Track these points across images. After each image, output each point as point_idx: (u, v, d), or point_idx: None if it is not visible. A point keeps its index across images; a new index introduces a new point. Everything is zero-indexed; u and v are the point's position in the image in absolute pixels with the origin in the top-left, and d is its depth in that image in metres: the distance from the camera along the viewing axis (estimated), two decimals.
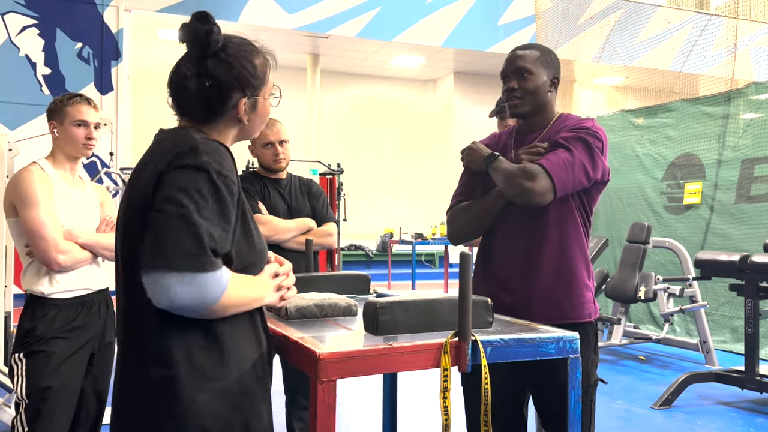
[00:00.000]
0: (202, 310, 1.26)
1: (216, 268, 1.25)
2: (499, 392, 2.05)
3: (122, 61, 8.64)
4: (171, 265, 1.22)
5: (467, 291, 1.48)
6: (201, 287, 1.23)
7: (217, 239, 1.26)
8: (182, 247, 1.22)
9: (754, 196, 6.17)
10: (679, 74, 8.31)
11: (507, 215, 2.07)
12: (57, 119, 2.43)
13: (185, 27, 1.39)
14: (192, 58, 1.42)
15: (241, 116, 1.44)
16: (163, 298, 1.23)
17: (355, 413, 4.22)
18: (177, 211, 1.24)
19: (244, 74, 1.42)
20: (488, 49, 10.96)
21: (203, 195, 1.27)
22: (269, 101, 1.50)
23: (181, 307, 1.25)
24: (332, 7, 9.86)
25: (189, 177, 1.28)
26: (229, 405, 1.33)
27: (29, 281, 2.36)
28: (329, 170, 7.22)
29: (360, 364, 1.38)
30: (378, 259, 12.41)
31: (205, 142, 1.35)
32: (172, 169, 1.29)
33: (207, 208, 1.27)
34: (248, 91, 1.43)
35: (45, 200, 2.30)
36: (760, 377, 4.30)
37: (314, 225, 2.98)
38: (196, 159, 1.29)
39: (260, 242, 1.44)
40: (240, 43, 1.46)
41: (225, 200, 1.29)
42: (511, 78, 2.08)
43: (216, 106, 1.43)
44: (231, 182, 1.32)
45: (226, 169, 1.32)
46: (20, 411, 2.28)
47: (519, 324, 1.74)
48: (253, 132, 1.52)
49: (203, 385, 1.30)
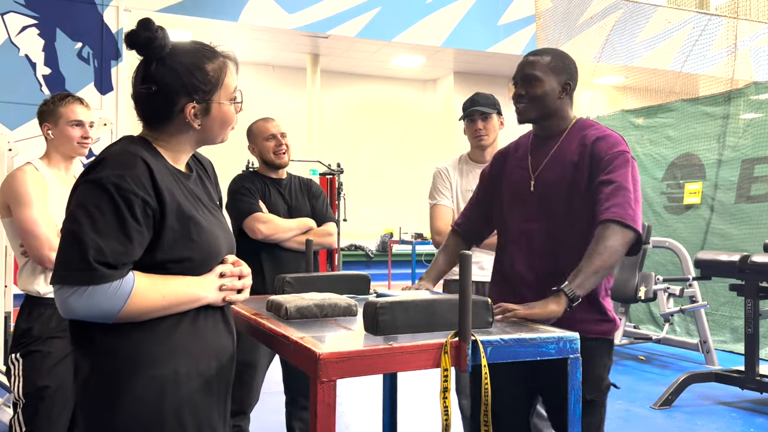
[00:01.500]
0: (108, 319, 1.33)
1: (107, 280, 1.30)
2: (506, 396, 2.05)
3: (122, 61, 8.63)
4: (62, 279, 1.31)
5: (467, 291, 1.48)
6: (92, 298, 1.30)
7: (109, 252, 1.30)
8: (71, 263, 1.30)
9: (754, 196, 6.16)
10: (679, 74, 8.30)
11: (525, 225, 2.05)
12: (51, 121, 2.43)
13: (129, 34, 1.43)
14: (142, 65, 1.46)
15: (189, 121, 1.45)
16: (62, 309, 1.32)
17: (355, 413, 4.21)
18: (71, 228, 1.32)
19: (190, 79, 1.43)
20: (488, 49, 10.95)
21: (100, 209, 1.32)
22: (230, 105, 1.50)
23: (82, 317, 1.33)
24: (332, 7, 9.86)
25: (88, 193, 1.34)
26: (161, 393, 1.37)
27: (25, 281, 2.36)
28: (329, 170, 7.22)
29: (360, 364, 1.38)
30: (378, 259, 12.40)
31: (116, 155, 1.38)
32: (79, 183, 1.37)
33: (101, 221, 1.31)
34: (196, 95, 1.44)
35: (38, 199, 2.30)
36: (760, 377, 4.29)
37: (314, 225, 2.97)
38: (98, 173, 1.34)
39: (204, 238, 1.44)
40: (191, 49, 1.47)
41: (123, 214, 1.32)
42: (519, 84, 2.07)
43: (163, 112, 1.45)
44: (132, 194, 1.34)
45: (125, 181, 1.34)
46: (18, 411, 2.28)
47: (519, 324, 1.73)
48: (214, 136, 1.52)
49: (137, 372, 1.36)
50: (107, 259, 1.30)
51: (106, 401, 1.36)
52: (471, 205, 2.31)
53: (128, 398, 1.35)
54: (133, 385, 1.35)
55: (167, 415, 1.37)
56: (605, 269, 1.84)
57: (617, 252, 1.85)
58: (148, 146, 1.46)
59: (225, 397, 1.52)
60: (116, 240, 1.31)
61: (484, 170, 2.29)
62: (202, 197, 1.51)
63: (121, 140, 1.46)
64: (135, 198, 1.34)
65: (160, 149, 1.47)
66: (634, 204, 1.89)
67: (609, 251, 1.83)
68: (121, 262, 1.32)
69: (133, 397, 1.35)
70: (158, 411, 1.37)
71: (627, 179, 1.92)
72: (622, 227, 1.85)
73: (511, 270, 2.08)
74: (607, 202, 1.89)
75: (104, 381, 1.36)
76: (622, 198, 1.88)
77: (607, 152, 1.96)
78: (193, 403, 1.41)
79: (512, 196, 2.12)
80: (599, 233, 1.86)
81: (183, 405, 1.39)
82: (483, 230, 2.30)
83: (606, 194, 1.90)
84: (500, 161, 2.23)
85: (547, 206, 2.02)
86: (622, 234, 1.85)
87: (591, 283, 1.83)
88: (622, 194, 1.89)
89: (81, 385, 1.40)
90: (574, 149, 2.01)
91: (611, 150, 1.96)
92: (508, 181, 2.14)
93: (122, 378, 1.35)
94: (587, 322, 1.98)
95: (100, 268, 1.29)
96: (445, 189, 3.07)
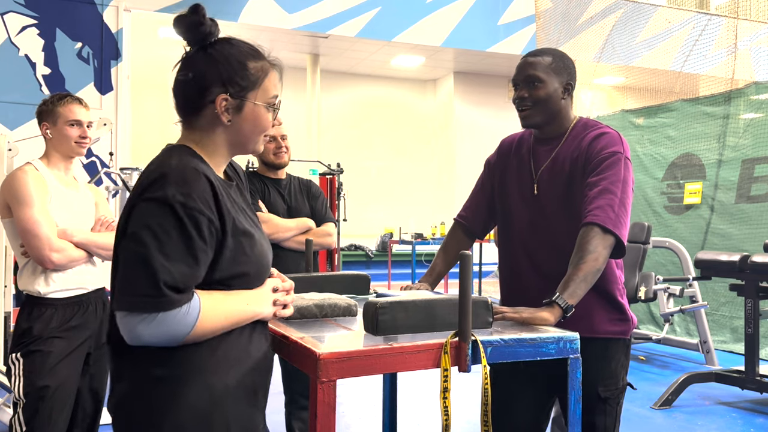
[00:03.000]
0: (174, 343, 1.28)
1: (176, 306, 1.25)
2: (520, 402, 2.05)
3: (122, 61, 8.63)
4: (130, 306, 1.24)
5: (467, 291, 1.48)
6: (161, 325, 1.25)
7: (178, 276, 1.25)
8: (139, 289, 1.24)
9: (755, 196, 6.16)
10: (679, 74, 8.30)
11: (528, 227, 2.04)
12: (49, 120, 2.43)
13: (177, 17, 1.38)
14: (184, 53, 1.42)
15: (219, 113, 1.38)
16: (129, 336, 1.26)
17: (355, 413, 4.21)
18: (137, 251, 1.25)
19: (227, 70, 1.38)
20: (488, 49, 10.95)
21: (166, 230, 1.26)
22: (266, 110, 1.43)
23: (149, 343, 1.27)
24: (332, 7, 9.86)
25: (153, 212, 1.27)
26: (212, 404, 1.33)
27: (25, 281, 2.36)
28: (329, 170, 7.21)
29: (360, 364, 1.38)
30: (378, 259, 12.40)
31: (178, 171, 1.31)
32: (140, 201, 1.29)
33: (169, 244, 1.25)
34: (231, 88, 1.38)
35: (39, 199, 2.30)
36: (760, 377, 4.29)
37: (314, 225, 2.98)
38: (161, 191, 1.27)
39: (257, 252, 1.41)
40: (236, 44, 1.42)
41: (190, 234, 1.27)
42: (521, 86, 2.01)
43: (194, 100, 1.39)
44: (198, 212, 1.28)
45: (192, 199, 1.28)
46: (18, 410, 2.28)
47: (519, 324, 1.73)
48: (246, 139, 1.44)
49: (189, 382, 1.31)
50: (176, 283, 1.25)
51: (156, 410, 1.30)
52: (475, 194, 2.26)
53: (180, 407, 1.30)
54: (185, 394, 1.30)
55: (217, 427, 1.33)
56: (592, 274, 1.81)
57: (601, 255, 1.82)
58: (194, 155, 1.39)
59: (265, 406, 1.49)
60: (184, 262, 1.26)
61: (489, 159, 2.25)
62: (244, 206, 1.46)
63: (172, 152, 1.38)
64: (201, 217, 1.28)
65: (203, 156, 1.41)
66: (618, 207, 1.85)
67: (592, 256, 1.80)
68: (188, 286, 1.28)
69: (185, 406, 1.30)
70: (208, 423, 1.32)
71: (614, 181, 1.88)
72: (602, 231, 1.83)
73: (518, 272, 2.08)
74: (590, 205, 1.86)
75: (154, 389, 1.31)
76: (606, 201, 1.85)
77: (600, 152, 1.93)
78: (241, 415, 1.38)
79: (515, 197, 2.10)
80: (581, 237, 1.84)
81: (231, 417, 1.36)
82: (487, 221, 2.24)
83: (591, 197, 1.88)
84: (505, 154, 2.18)
85: (550, 209, 2.01)
86: (602, 239, 1.82)
87: (582, 290, 1.80)
88: (606, 197, 1.86)
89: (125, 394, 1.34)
90: (574, 150, 1.99)
91: (604, 150, 1.93)
92: (512, 181, 2.12)
93: (174, 387, 1.30)
94: (607, 321, 1.98)
95: (170, 293, 1.24)
96: None
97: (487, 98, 13.76)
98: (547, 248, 2.01)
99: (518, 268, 2.08)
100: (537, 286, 1.99)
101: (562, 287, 1.78)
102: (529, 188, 2.05)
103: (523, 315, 1.73)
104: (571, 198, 1.96)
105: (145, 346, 1.29)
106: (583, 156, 1.95)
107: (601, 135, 1.97)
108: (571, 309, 1.76)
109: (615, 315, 2.00)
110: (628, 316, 2.03)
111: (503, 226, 2.17)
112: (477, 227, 2.25)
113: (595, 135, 1.98)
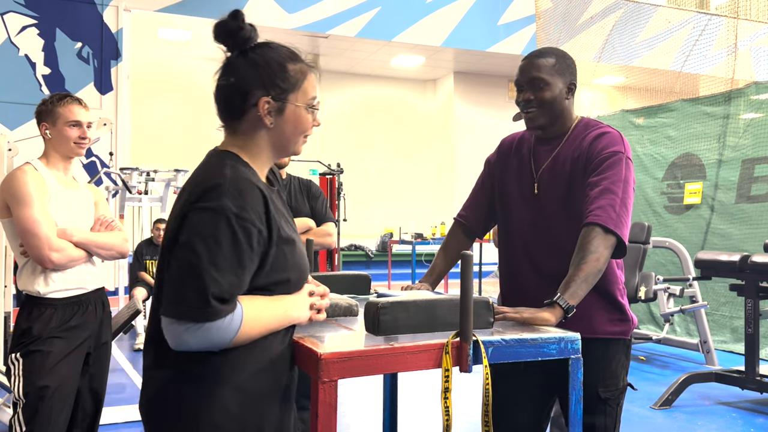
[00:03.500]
0: (217, 349, 1.31)
1: (222, 316, 1.28)
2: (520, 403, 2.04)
3: (122, 61, 8.63)
4: (178, 315, 1.27)
5: (468, 291, 1.47)
6: (207, 334, 1.27)
7: (227, 287, 1.28)
8: (188, 300, 1.27)
9: (755, 196, 6.16)
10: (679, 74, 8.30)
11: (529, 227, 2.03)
12: (49, 121, 2.43)
13: (217, 23, 1.40)
14: (225, 59, 1.44)
15: (262, 115, 1.40)
16: (173, 342, 1.29)
17: (356, 413, 4.21)
18: (189, 260, 1.28)
19: (269, 74, 1.40)
20: (488, 49, 10.95)
21: (218, 241, 1.28)
22: (307, 111, 1.44)
23: (194, 349, 1.30)
24: (332, 7, 9.86)
25: (207, 221, 1.29)
26: (244, 405, 1.35)
27: (25, 281, 2.35)
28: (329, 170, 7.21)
29: (361, 365, 1.37)
30: (378, 259, 12.40)
31: (233, 182, 1.32)
32: (194, 210, 1.31)
33: (220, 255, 1.28)
34: (273, 91, 1.40)
35: (38, 199, 2.30)
36: (760, 377, 4.29)
37: (314, 225, 2.98)
38: (217, 201, 1.29)
39: (299, 259, 1.44)
40: (275, 47, 1.44)
41: (241, 245, 1.30)
42: (526, 89, 1.99)
43: (237, 105, 1.41)
44: (250, 224, 1.31)
45: (246, 210, 1.31)
46: (18, 411, 2.28)
47: (520, 324, 1.73)
48: (287, 141, 1.45)
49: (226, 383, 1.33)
50: (224, 294, 1.28)
51: (192, 409, 1.32)
52: (475, 194, 2.25)
53: (214, 408, 1.32)
54: (221, 394, 1.32)
55: (250, 428, 1.35)
56: (593, 274, 1.81)
57: (602, 256, 1.82)
58: (243, 163, 1.41)
59: (293, 408, 1.50)
60: (233, 273, 1.29)
61: (489, 158, 2.24)
62: (284, 211, 1.47)
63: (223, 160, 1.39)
64: (253, 228, 1.31)
65: (248, 161, 1.42)
66: (619, 207, 1.85)
67: (594, 257, 1.80)
68: (234, 295, 1.30)
69: (219, 408, 1.32)
70: (242, 423, 1.34)
71: (615, 181, 1.88)
72: (604, 231, 1.82)
73: (518, 272, 2.07)
74: (592, 205, 1.86)
75: (191, 389, 1.33)
76: (607, 201, 1.85)
77: (601, 152, 1.92)
78: (275, 416, 1.40)
79: (516, 197, 2.09)
80: (582, 237, 1.84)
81: (266, 419, 1.37)
82: (487, 220, 2.23)
83: (592, 197, 1.87)
84: (506, 153, 2.17)
85: (550, 208, 2.00)
86: (603, 239, 1.82)
87: (583, 291, 1.79)
88: (607, 197, 1.85)
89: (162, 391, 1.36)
90: (575, 150, 1.98)
91: (605, 150, 1.92)
92: (512, 181, 2.11)
93: (211, 387, 1.32)
94: (607, 322, 1.97)
95: (216, 305, 1.27)
96: None
97: (487, 98, 13.75)
98: (547, 248, 2.00)
99: (518, 268, 2.07)
100: (537, 285, 1.99)
101: (563, 288, 1.78)
102: (530, 188, 2.04)
103: (524, 315, 1.73)
104: (572, 198, 1.96)
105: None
106: (584, 156, 1.95)
107: (603, 135, 1.97)
108: (572, 310, 1.76)
109: (615, 315, 2.00)
110: (628, 316, 2.02)
111: (503, 226, 2.16)
112: (477, 227, 2.24)
113: (597, 135, 1.97)
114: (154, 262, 6.53)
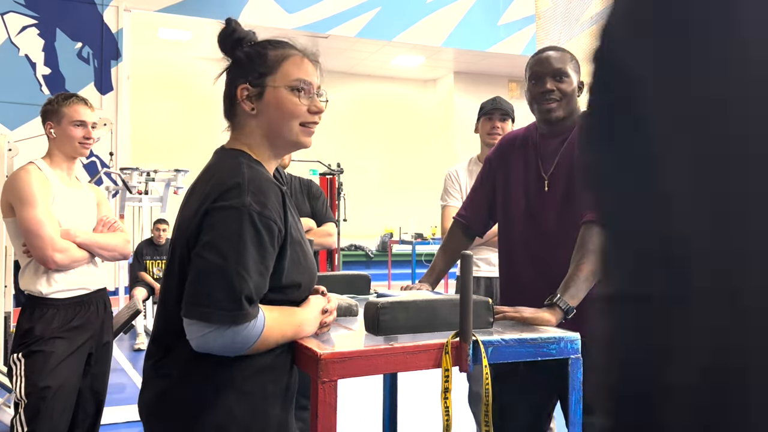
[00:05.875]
0: (235, 354, 1.30)
1: (249, 320, 1.26)
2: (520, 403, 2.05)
3: (122, 61, 8.63)
4: (206, 316, 1.25)
5: (468, 291, 1.48)
6: (234, 337, 1.26)
7: (253, 288, 1.27)
8: (217, 301, 1.24)
9: None
10: None
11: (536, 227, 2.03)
12: (54, 120, 2.43)
13: (217, 35, 1.46)
14: None
15: (241, 101, 1.41)
16: (196, 343, 1.27)
17: (356, 413, 4.21)
18: (216, 261, 1.25)
19: (248, 61, 1.43)
20: (488, 49, 10.95)
21: (244, 241, 1.26)
22: (288, 92, 1.40)
23: (214, 352, 1.29)
24: (332, 7, 9.86)
25: (230, 220, 1.27)
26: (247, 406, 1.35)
27: (27, 281, 2.36)
28: (329, 170, 7.21)
29: (361, 364, 1.38)
30: (378, 259, 12.41)
31: (252, 180, 1.32)
32: (216, 209, 1.28)
33: (247, 254, 1.26)
34: (250, 77, 1.41)
35: (42, 199, 2.30)
36: None
37: (314, 225, 2.98)
38: (238, 199, 1.27)
39: (309, 262, 1.45)
40: (262, 42, 1.47)
41: (265, 244, 1.28)
42: (546, 80, 1.98)
43: (226, 101, 1.46)
44: (272, 222, 1.30)
45: (268, 208, 1.30)
46: (19, 411, 2.28)
47: (520, 324, 1.73)
48: (279, 128, 1.41)
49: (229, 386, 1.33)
50: (252, 294, 1.26)
51: (197, 410, 1.32)
52: (475, 193, 2.25)
53: (217, 410, 1.31)
54: (224, 396, 1.31)
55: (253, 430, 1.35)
56: (594, 273, 1.79)
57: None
58: (252, 159, 1.40)
59: (293, 408, 1.50)
60: (258, 273, 1.28)
61: (489, 157, 2.23)
62: (295, 212, 1.46)
63: (237, 158, 1.38)
64: (274, 226, 1.30)
65: (257, 159, 1.42)
66: None
67: (593, 256, 1.80)
68: (259, 296, 1.29)
69: (222, 410, 1.31)
70: (245, 427, 1.33)
71: None
72: None
73: (518, 271, 2.08)
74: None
75: (193, 391, 1.32)
76: None
77: None
78: (278, 419, 1.40)
79: (519, 195, 2.08)
80: (581, 236, 1.84)
81: (267, 422, 1.37)
82: (487, 219, 2.23)
83: None
84: (507, 151, 2.16)
85: (555, 207, 2.00)
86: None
87: (583, 291, 1.79)
88: None
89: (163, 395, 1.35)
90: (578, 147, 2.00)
91: None
92: (516, 179, 2.10)
93: (213, 389, 1.32)
94: None
95: (246, 306, 1.25)
96: (455, 191, 3.07)
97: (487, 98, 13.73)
98: (549, 246, 2.01)
99: (519, 267, 2.08)
100: (537, 284, 1.99)
101: (563, 288, 1.78)
102: (536, 185, 2.04)
103: (525, 315, 1.73)
104: (575, 196, 1.97)
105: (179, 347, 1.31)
106: None
107: None
108: (572, 311, 1.76)
109: None
110: None
111: (504, 225, 2.16)
112: (477, 226, 2.24)
113: None
114: (154, 263, 6.54)
